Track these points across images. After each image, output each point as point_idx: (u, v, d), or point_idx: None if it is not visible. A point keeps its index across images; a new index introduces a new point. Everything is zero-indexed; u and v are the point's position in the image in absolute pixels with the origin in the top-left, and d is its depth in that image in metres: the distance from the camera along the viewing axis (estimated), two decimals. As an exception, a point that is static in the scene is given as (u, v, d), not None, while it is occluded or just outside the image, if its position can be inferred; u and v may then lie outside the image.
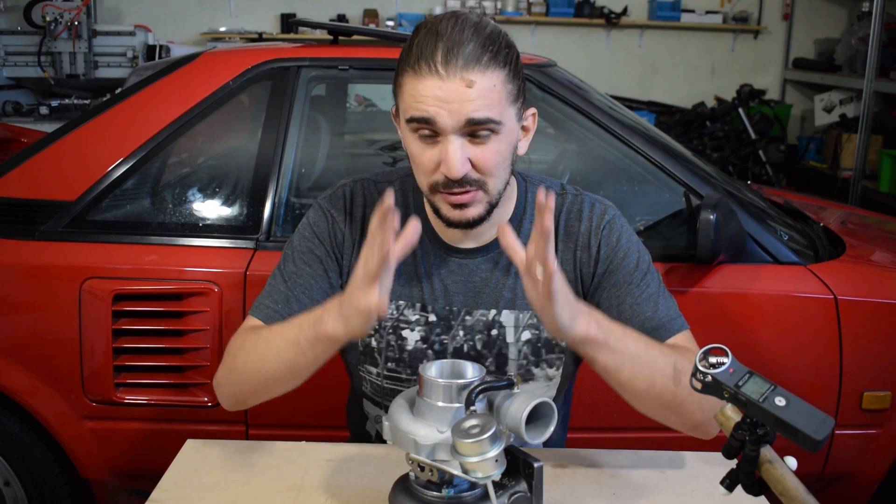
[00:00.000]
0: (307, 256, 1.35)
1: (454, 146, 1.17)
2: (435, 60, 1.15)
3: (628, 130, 2.11)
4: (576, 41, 6.86)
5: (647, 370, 1.17)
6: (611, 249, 1.33)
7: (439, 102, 1.15)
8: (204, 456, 1.33)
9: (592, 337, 1.11)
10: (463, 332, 1.36)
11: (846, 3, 6.94)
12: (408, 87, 1.19)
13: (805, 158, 6.55)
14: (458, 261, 1.35)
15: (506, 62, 1.19)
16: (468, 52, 1.15)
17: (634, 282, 1.32)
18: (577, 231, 1.35)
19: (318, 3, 6.58)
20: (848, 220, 2.71)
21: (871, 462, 2.07)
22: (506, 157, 1.23)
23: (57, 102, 5.24)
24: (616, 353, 1.15)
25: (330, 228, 1.36)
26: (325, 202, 1.39)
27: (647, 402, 1.20)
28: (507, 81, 1.19)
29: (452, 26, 1.17)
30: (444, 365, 1.11)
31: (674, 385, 1.18)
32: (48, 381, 1.96)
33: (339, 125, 2.81)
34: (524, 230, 1.35)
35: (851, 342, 1.99)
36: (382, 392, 1.40)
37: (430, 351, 1.36)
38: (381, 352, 1.37)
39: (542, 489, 1.06)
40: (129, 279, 1.94)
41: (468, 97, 1.15)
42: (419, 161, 1.22)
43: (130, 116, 2.11)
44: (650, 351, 1.18)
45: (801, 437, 0.89)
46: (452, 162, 1.17)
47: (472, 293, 1.35)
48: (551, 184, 1.40)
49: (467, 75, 1.15)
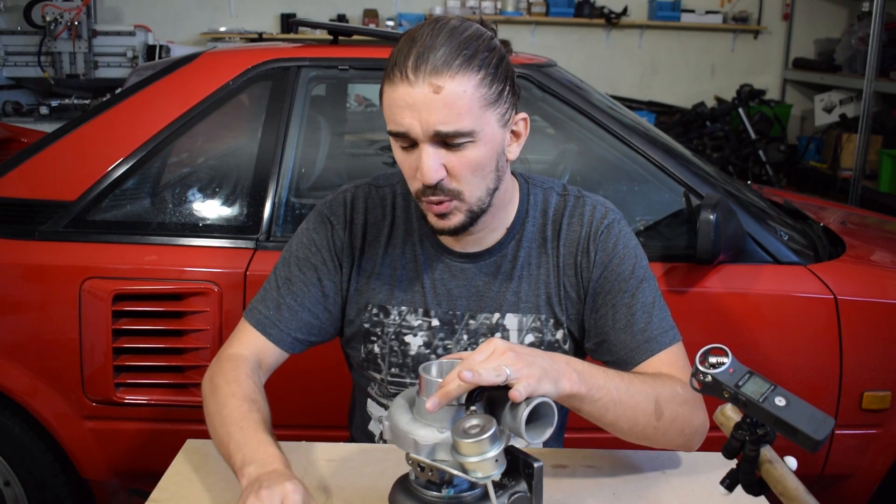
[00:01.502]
0: (302, 263, 1.36)
1: (427, 153, 1.17)
2: (406, 67, 1.14)
3: (628, 130, 2.11)
4: (576, 41, 6.86)
5: (629, 411, 1.19)
6: (607, 255, 1.33)
7: (409, 110, 1.15)
8: (204, 456, 1.33)
9: (576, 392, 1.12)
10: (467, 336, 1.36)
11: (846, 3, 6.94)
12: (385, 96, 1.19)
13: (805, 158, 6.55)
14: (460, 265, 1.35)
15: (481, 66, 1.16)
16: (437, 57, 1.13)
17: (629, 290, 1.32)
18: (578, 235, 1.35)
19: (318, 3, 6.58)
20: (848, 220, 2.71)
21: (871, 462, 2.07)
22: (485, 164, 1.21)
23: (57, 102, 5.24)
24: (599, 402, 1.16)
25: (329, 236, 1.36)
26: (325, 208, 1.39)
27: (631, 437, 1.24)
28: (480, 86, 1.16)
29: (428, 32, 1.16)
30: (444, 365, 1.11)
31: (655, 420, 1.21)
32: (48, 381, 1.96)
33: (339, 125, 2.81)
34: (527, 232, 1.35)
35: (851, 342, 1.99)
36: (387, 395, 1.41)
37: (434, 356, 1.36)
38: (384, 357, 1.37)
39: (542, 489, 1.06)
40: (129, 279, 1.94)
41: (435, 105, 1.14)
42: (403, 167, 1.23)
43: (130, 116, 2.11)
44: (632, 391, 1.20)
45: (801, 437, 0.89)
46: (425, 169, 1.17)
47: (476, 297, 1.35)
48: (553, 185, 1.40)
49: (435, 80, 1.13)
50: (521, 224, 1.36)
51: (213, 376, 1.28)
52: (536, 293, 1.35)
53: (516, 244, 1.35)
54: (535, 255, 1.35)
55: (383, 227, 1.37)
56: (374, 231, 1.37)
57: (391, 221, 1.37)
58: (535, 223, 1.36)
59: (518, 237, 1.35)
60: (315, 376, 1.96)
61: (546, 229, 1.36)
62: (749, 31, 6.98)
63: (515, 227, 1.35)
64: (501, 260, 1.34)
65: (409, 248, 1.36)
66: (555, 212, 1.36)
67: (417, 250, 1.36)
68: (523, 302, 1.35)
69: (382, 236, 1.37)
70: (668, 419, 1.22)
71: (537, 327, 1.35)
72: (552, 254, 1.35)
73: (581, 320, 1.36)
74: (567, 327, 1.36)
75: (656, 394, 1.22)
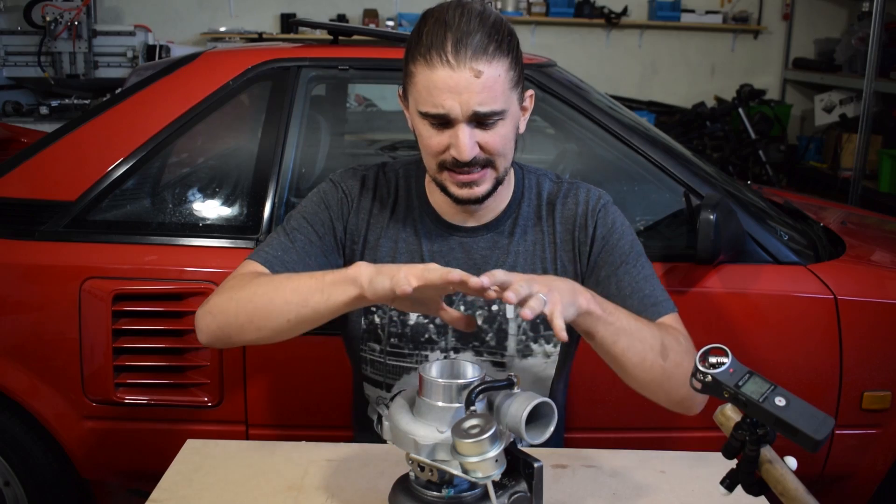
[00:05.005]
0: (311, 217, 1.41)
1: (464, 133, 1.25)
2: (445, 51, 1.22)
3: (628, 130, 2.11)
4: (576, 41, 6.86)
5: (638, 343, 1.23)
6: (607, 230, 1.41)
7: (450, 93, 1.23)
8: (204, 456, 1.33)
9: (592, 310, 1.17)
10: (464, 307, 1.41)
11: (846, 3, 6.93)
12: (420, 76, 1.25)
13: (805, 158, 6.55)
14: (458, 239, 1.42)
15: (509, 50, 1.26)
16: (476, 43, 1.22)
17: (631, 262, 1.39)
18: (575, 213, 1.42)
19: (318, 3, 6.58)
20: (848, 220, 2.71)
21: (871, 462, 2.07)
22: (511, 137, 1.32)
23: (57, 102, 5.24)
24: (611, 326, 1.21)
25: (339, 198, 1.43)
26: (336, 177, 1.46)
27: (639, 374, 1.25)
28: (510, 69, 1.26)
29: (459, 16, 1.24)
30: (444, 365, 1.12)
31: (662, 360, 1.25)
32: (48, 381, 1.96)
33: (339, 125, 2.81)
34: (522, 212, 1.43)
35: (851, 342, 1.99)
36: (385, 370, 1.43)
37: (432, 325, 1.41)
38: (383, 328, 1.42)
39: (542, 489, 1.06)
40: (129, 279, 1.94)
41: (475, 88, 1.22)
42: (428, 143, 1.30)
43: (130, 116, 2.11)
44: (640, 326, 1.25)
45: (801, 437, 0.89)
46: (463, 147, 1.25)
47: (473, 270, 1.38)
48: (546, 173, 1.48)
49: (476, 65, 1.22)
50: (518, 204, 1.44)
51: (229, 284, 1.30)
52: (533, 268, 1.41)
53: (513, 222, 1.43)
54: (530, 232, 1.43)
55: (387, 205, 1.44)
56: (379, 207, 1.44)
57: (394, 200, 1.45)
58: (531, 204, 1.44)
59: (514, 215, 1.43)
60: (315, 376, 1.96)
61: (541, 209, 1.44)
62: (749, 31, 6.97)
63: (512, 207, 1.43)
64: (498, 236, 1.42)
65: (410, 224, 1.43)
66: (549, 194, 1.45)
67: (418, 226, 1.43)
68: None
69: (386, 212, 1.44)
70: (673, 363, 1.26)
71: None
72: (548, 231, 1.43)
73: None
74: None
75: (662, 336, 1.27)
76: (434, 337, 1.41)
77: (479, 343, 1.42)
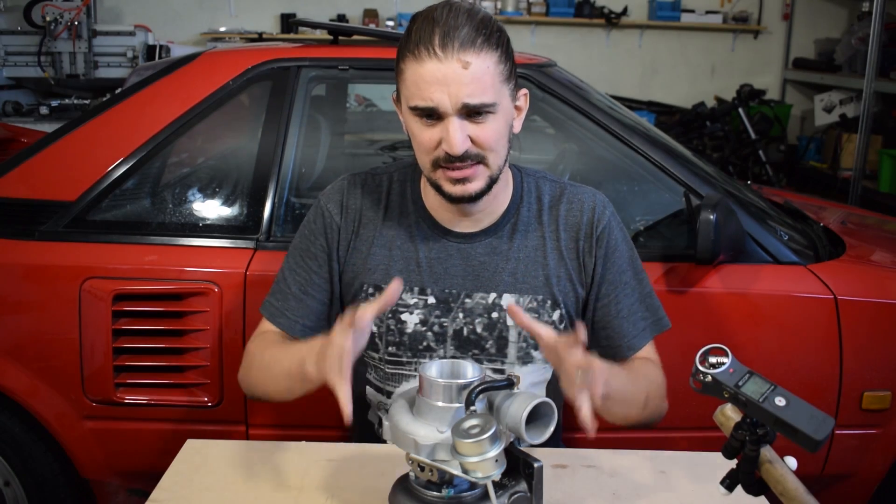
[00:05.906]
0: (304, 253, 1.44)
1: (454, 126, 1.25)
2: (433, 44, 1.23)
3: (628, 130, 2.11)
4: (576, 41, 6.86)
5: (625, 407, 1.31)
6: (611, 249, 1.42)
7: (439, 85, 1.23)
8: (204, 456, 1.33)
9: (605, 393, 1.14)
10: (463, 314, 1.40)
11: (846, 3, 6.93)
12: (409, 72, 1.26)
13: (805, 158, 6.55)
14: (456, 245, 1.40)
15: (498, 44, 1.27)
16: (463, 35, 1.23)
17: (632, 281, 1.42)
18: (579, 222, 1.42)
19: (318, 3, 6.58)
20: (848, 220, 2.71)
21: (871, 462, 2.07)
22: (503, 133, 1.31)
23: (57, 102, 5.23)
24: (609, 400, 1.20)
25: (325, 222, 1.44)
26: (322, 198, 1.47)
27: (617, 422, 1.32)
28: (499, 62, 1.26)
29: (447, 13, 1.25)
30: (444, 365, 1.12)
31: (641, 411, 1.35)
32: (48, 381, 1.96)
33: (339, 125, 2.81)
34: (522, 217, 1.42)
35: (851, 342, 1.99)
36: (385, 376, 1.44)
37: (430, 333, 1.39)
38: (381, 336, 1.41)
39: (542, 489, 1.06)
40: (129, 279, 1.94)
41: (464, 80, 1.23)
42: (420, 140, 1.30)
43: (130, 116, 2.11)
44: (634, 390, 1.32)
45: (801, 437, 0.89)
46: (453, 140, 1.25)
47: (472, 276, 1.39)
48: (543, 174, 1.47)
49: (463, 56, 1.23)
50: (517, 208, 1.42)
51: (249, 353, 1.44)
52: (534, 274, 1.40)
53: (512, 227, 1.41)
54: (532, 237, 1.41)
55: (378, 210, 1.43)
56: (370, 214, 1.43)
57: (385, 205, 1.44)
58: (531, 208, 1.43)
59: (514, 220, 1.42)
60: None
61: (542, 214, 1.43)
62: (749, 31, 6.97)
63: (511, 211, 1.42)
64: (498, 241, 1.40)
65: (405, 230, 1.42)
66: (550, 198, 1.44)
67: (413, 231, 1.42)
68: (521, 283, 1.39)
69: (378, 218, 1.43)
70: (650, 410, 1.36)
71: (534, 308, 1.39)
72: (551, 237, 1.41)
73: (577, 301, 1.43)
74: (565, 307, 1.40)
75: (648, 391, 1.34)
76: (432, 344, 1.40)
77: (479, 351, 1.40)
